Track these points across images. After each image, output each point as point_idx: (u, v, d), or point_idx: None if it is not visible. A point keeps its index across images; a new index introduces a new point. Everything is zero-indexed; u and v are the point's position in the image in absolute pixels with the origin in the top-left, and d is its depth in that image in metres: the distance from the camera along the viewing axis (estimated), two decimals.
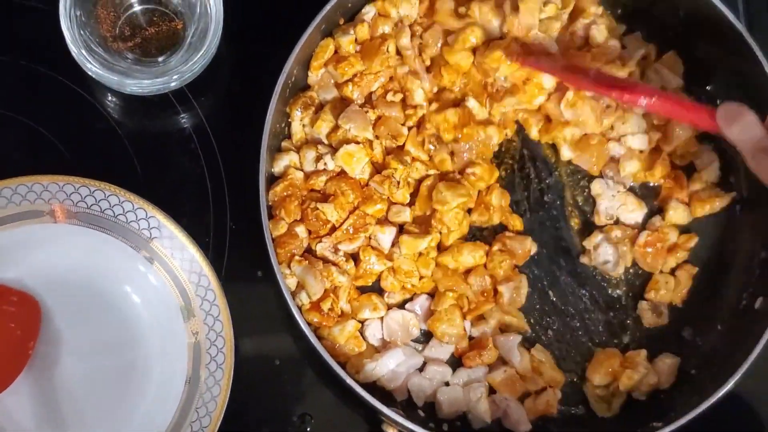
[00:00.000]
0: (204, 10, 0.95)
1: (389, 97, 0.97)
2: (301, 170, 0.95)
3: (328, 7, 0.93)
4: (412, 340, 0.95)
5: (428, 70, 0.99)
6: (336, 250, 0.93)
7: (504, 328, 0.96)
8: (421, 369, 0.95)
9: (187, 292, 0.91)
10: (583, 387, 0.96)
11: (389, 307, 0.95)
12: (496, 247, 0.97)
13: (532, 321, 0.97)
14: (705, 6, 0.95)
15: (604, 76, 0.93)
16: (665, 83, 1.00)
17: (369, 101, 0.98)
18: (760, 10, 1.06)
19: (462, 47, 0.97)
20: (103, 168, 0.95)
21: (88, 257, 0.93)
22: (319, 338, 0.89)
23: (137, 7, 0.98)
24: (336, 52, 0.97)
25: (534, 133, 1.00)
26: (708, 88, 1.00)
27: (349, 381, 0.87)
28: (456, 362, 0.96)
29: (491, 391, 0.94)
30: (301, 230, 0.93)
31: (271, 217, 0.92)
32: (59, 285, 0.92)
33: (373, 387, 0.92)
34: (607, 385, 0.94)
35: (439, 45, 0.98)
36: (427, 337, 0.96)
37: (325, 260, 0.93)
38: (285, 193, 0.93)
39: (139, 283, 0.93)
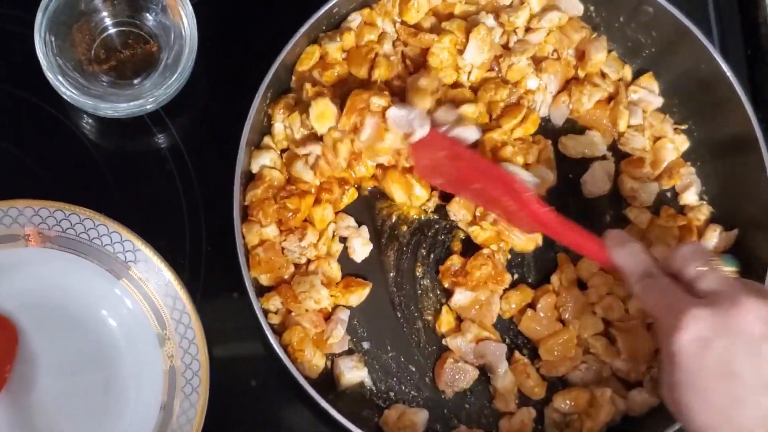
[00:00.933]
0: (179, 32, 0.95)
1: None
2: (280, 171, 0.95)
3: (302, 30, 0.93)
4: None
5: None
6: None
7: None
8: None
9: (163, 315, 0.92)
10: (545, 407, 0.96)
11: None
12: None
13: (506, 340, 0.98)
14: (677, 27, 0.95)
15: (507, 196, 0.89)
16: (645, 104, 1.00)
17: None
18: (733, 28, 1.07)
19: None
20: (79, 191, 0.95)
21: (64, 281, 0.93)
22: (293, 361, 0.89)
23: (112, 30, 0.98)
24: (322, 58, 0.97)
25: None
26: (682, 107, 1.00)
27: (324, 404, 0.87)
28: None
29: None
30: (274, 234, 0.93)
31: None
32: (35, 308, 0.93)
33: (350, 407, 0.93)
34: (566, 414, 0.94)
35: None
36: None
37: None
38: (264, 196, 0.93)
39: (115, 306, 0.93)
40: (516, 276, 0.98)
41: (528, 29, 1.00)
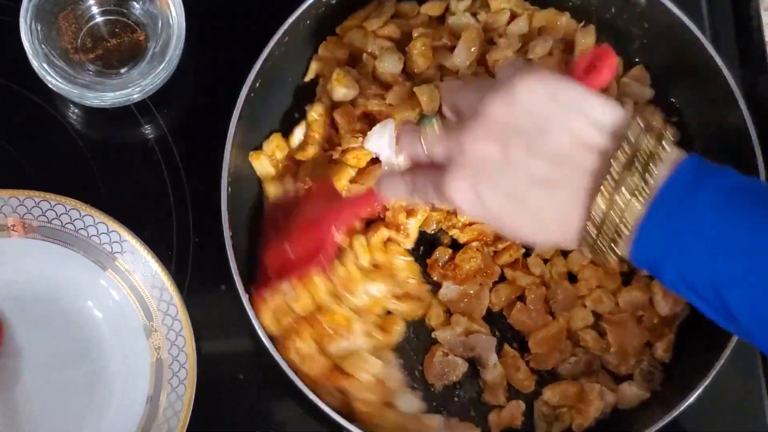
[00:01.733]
0: (166, 21, 0.94)
1: None
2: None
3: (291, 19, 0.92)
4: None
5: None
6: None
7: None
8: None
9: (149, 307, 0.91)
10: (534, 401, 0.95)
11: None
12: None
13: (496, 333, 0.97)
14: (669, 19, 0.95)
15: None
16: (636, 96, 1.00)
17: None
18: (725, 21, 1.06)
19: None
20: (64, 181, 0.94)
21: (50, 272, 0.92)
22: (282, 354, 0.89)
23: (99, 18, 0.97)
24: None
25: None
26: (672, 100, 1.00)
27: (312, 396, 0.86)
28: None
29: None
30: None
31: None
32: (20, 300, 0.91)
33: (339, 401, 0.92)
34: (555, 407, 0.94)
35: None
36: None
37: None
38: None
39: (100, 297, 0.92)
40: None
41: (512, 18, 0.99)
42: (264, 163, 0.95)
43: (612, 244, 0.65)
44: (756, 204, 0.63)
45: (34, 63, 0.91)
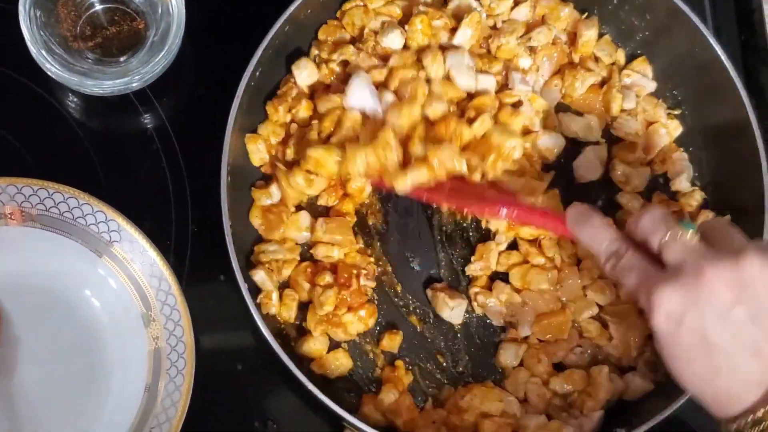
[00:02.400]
0: (166, 10, 0.94)
1: None
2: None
3: (292, 7, 0.92)
4: None
5: None
6: None
7: None
8: None
9: (148, 296, 0.90)
10: None
11: None
12: None
13: None
14: (672, 10, 0.94)
15: (462, 189, 0.89)
16: (638, 88, 0.99)
17: None
18: (727, 14, 1.06)
19: None
20: (63, 170, 0.93)
21: (48, 260, 0.91)
22: (281, 343, 0.88)
23: (99, 6, 0.96)
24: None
25: None
26: (675, 92, 1.00)
27: (311, 386, 0.86)
28: None
29: None
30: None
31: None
32: (18, 288, 0.91)
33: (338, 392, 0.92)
34: (566, 395, 0.93)
35: None
36: None
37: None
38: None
39: (98, 287, 0.91)
40: None
41: (515, 4, 0.99)
42: (259, 147, 0.95)
43: None
44: None
45: (33, 50, 0.90)
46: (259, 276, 0.91)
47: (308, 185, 0.92)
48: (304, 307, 0.94)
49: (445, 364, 0.95)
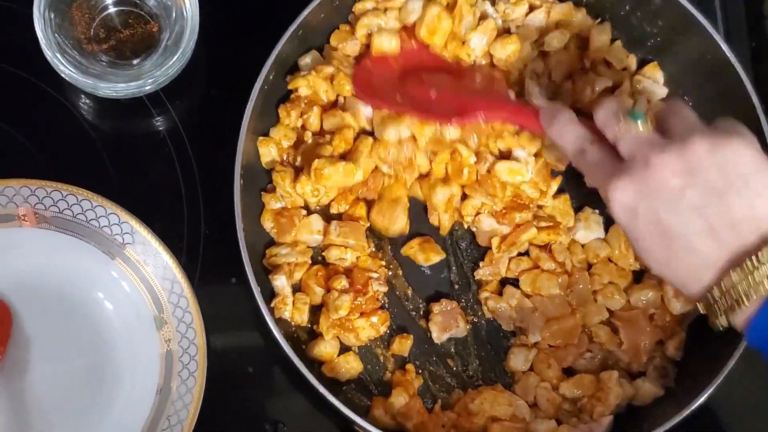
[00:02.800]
0: (180, 13, 0.94)
1: None
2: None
3: (306, 11, 0.92)
4: None
5: None
6: None
7: None
8: None
9: (160, 299, 0.90)
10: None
11: None
12: None
13: None
14: (683, 16, 0.94)
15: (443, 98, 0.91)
16: (649, 94, 0.99)
17: None
18: (738, 20, 1.06)
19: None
20: (76, 171, 0.93)
21: (60, 262, 0.91)
22: (292, 346, 0.88)
23: (112, 9, 0.97)
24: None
25: None
26: (686, 98, 1.00)
27: (322, 389, 0.86)
28: None
29: None
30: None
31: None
32: (30, 290, 0.91)
33: (348, 395, 0.92)
34: (576, 399, 0.94)
35: None
36: None
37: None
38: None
39: (111, 289, 0.92)
40: None
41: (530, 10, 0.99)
42: (271, 150, 0.95)
43: (729, 311, 0.69)
44: None
45: (47, 53, 0.91)
46: (280, 281, 0.92)
47: (314, 196, 0.93)
48: (315, 310, 0.94)
49: (455, 368, 0.96)
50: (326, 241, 0.94)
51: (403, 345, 0.95)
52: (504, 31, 0.99)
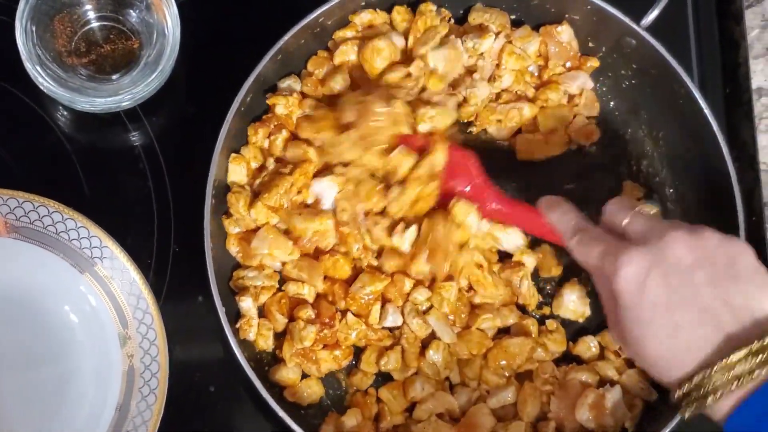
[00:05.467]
0: (161, 31, 0.95)
1: None
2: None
3: (285, 37, 0.93)
4: None
5: None
6: None
7: None
8: None
9: (125, 314, 0.91)
10: None
11: None
12: None
13: None
14: (658, 60, 0.96)
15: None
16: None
17: None
18: (713, 67, 1.07)
19: None
20: (49, 183, 0.94)
21: (29, 273, 0.92)
22: (254, 368, 0.89)
23: (95, 24, 0.97)
24: None
25: None
26: (661, 142, 1.01)
27: (282, 414, 0.86)
28: None
29: None
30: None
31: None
32: None
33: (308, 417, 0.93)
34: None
35: None
36: None
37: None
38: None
39: (77, 302, 0.92)
40: None
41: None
42: (241, 169, 0.95)
43: (702, 400, 0.69)
44: None
45: (27, 65, 0.91)
46: (247, 302, 0.92)
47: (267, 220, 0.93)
48: (279, 335, 0.94)
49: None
50: (284, 272, 0.94)
51: (363, 382, 0.95)
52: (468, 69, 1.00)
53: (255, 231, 0.93)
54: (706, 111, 0.94)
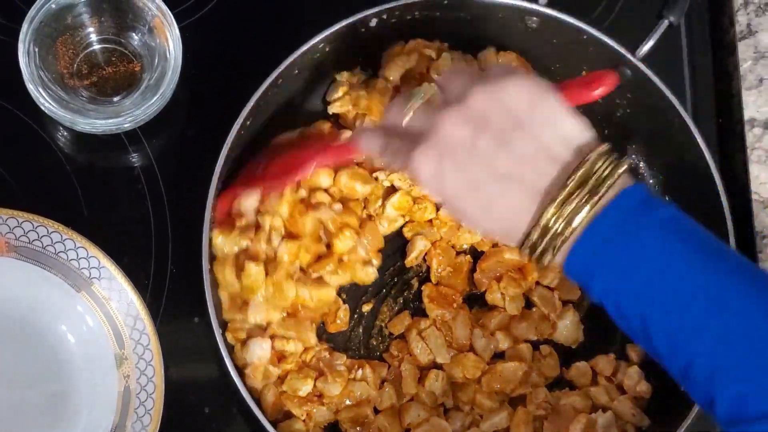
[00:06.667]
0: (163, 54, 0.96)
1: None
2: None
3: (286, 63, 0.94)
4: None
5: None
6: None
7: None
8: None
9: (122, 335, 0.91)
10: None
11: None
12: None
13: None
14: (652, 91, 0.97)
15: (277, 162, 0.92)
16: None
17: None
18: (706, 99, 1.09)
19: None
20: (48, 203, 0.95)
21: (27, 292, 0.92)
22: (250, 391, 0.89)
23: (97, 46, 0.98)
24: None
25: None
26: (653, 170, 1.02)
27: None
28: None
29: None
30: None
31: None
32: None
33: None
34: None
35: None
36: None
37: None
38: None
39: (75, 322, 0.92)
40: None
41: None
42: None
43: (551, 250, 0.69)
44: (688, 241, 0.67)
45: (30, 86, 0.92)
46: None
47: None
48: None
49: None
50: (270, 330, 0.92)
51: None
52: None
53: None
54: (699, 140, 0.95)
